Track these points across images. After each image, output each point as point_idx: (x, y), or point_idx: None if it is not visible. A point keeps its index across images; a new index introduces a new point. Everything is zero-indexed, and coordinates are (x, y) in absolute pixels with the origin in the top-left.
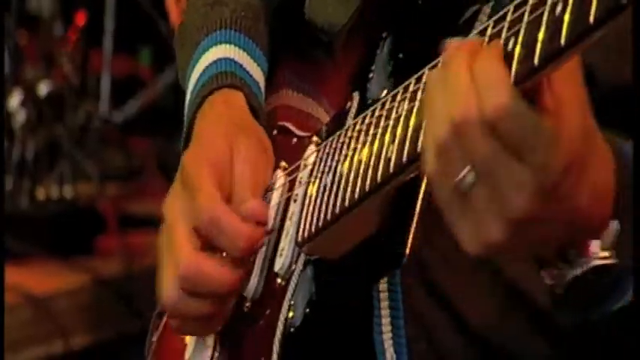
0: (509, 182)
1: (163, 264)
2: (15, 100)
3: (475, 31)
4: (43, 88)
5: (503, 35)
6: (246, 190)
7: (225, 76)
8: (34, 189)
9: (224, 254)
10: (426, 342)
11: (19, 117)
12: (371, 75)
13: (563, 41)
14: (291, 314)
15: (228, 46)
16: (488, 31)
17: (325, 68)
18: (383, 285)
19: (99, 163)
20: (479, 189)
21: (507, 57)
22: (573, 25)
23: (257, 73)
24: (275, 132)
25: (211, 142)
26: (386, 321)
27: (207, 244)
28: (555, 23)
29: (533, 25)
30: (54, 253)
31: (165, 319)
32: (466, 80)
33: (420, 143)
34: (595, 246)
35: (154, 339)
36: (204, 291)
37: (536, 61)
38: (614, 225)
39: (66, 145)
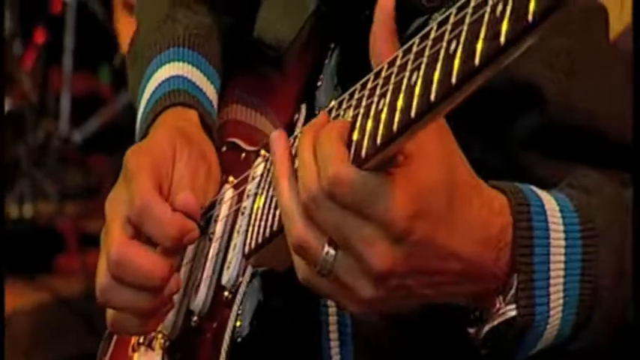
0: (361, 240)
1: (100, 255)
2: None
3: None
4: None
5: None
6: (185, 190)
7: (179, 94)
8: None
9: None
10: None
11: None
12: (319, 85)
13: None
14: (238, 323)
15: (181, 63)
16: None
17: (274, 83)
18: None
19: (58, 182)
20: (340, 259)
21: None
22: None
23: (210, 91)
24: (224, 148)
25: (156, 142)
26: (334, 336)
27: (141, 235)
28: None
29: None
30: (13, 272)
31: (114, 341)
32: (309, 159)
33: (364, 147)
34: (499, 301)
35: None
36: (131, 279)
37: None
38: (514, 279)
39: (25, 164)
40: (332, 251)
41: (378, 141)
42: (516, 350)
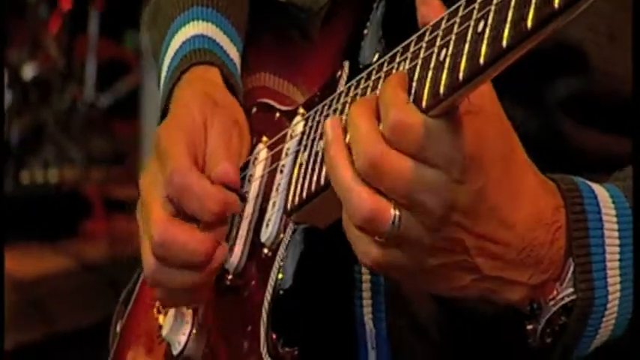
0: (422, 187)
1: (142, 236)
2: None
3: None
4: (28, 71)
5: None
6: (219, 162)
7: (203, 53)
8: (18, 173)
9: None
10: (406, 318)
11: (5, 99)
12: (364, 38)
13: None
14: (280, 276)
15: (204, 23)
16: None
17: (301, 51)
18: None
19: (84, 148)
20: (405, 217)
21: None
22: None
23: (233, 52)
24: (254, 109)
25: (186, 114)
26: (367, 295)
27: (181, 212)
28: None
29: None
30: (39, 237)
31: (131, 305)
32: (364, 124)
33: (424, 101)
34: (556, 288)
35: (118, 329)
36: (177, 259)
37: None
38: (570, 263)
39: (51, 129)
40: (397, 215)
41: (441, 90)
42: (577, 344)
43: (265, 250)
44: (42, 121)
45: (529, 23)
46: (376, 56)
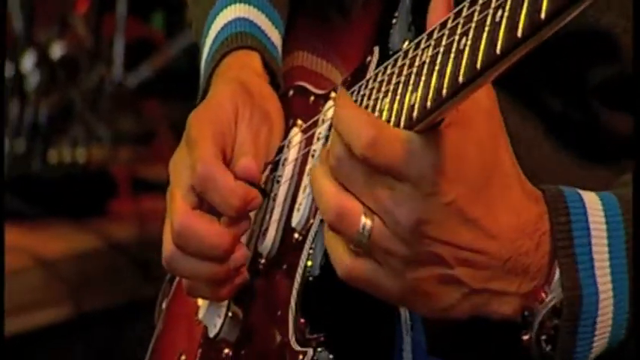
0: (392, 199)
1: (166, 220)
2: (28, 61)
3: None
4: (56, 50)
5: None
6: (246, 155)
7: (244, 37)
8: (46, 152)
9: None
10: None
11: (33, 79)
12: (394, 24)
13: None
14: (310, 263)
15: (246, 6)
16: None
17: (340, 30)
18: None
19: (111, 127)
20: (375, 226)
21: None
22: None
23: (275, 36)
24: (291, 92)
25: (218, 103)
26: None
27: (204, 203)
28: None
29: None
30: (66, 215)
31: (175, 284)
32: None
33: (444, 89)
34: (544, 291)
35: (164, 305)
36: (195, 250)
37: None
38: (556, 266)
39: (79, 108)
40: (368, 221)
41: (460, 79)
42: (574, 349)
43: (296, 235)
44: (70, 100)
45: (542, 15)
46: (405, 43)
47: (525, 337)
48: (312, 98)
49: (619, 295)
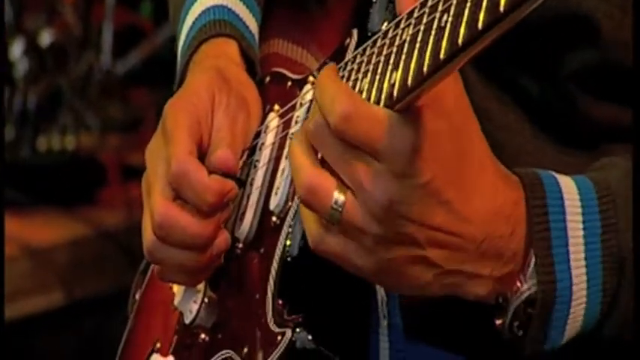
0: (366, 175)
1: (144, 210)
2: (17, 48)
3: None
4: (45, 38)
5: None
6: (223, 143)
7: (222, 25)
8: (35, 139)
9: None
10: None
11: (21, 66)
12: (371, 10)
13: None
14: (288, 242)
15: None
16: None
17: (316, 17)
18: None
19: (100, 114)
20: (348, 201)
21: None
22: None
23: (252, 24)
24: (268, 79)
25: (194, 91)
26: None
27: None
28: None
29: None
30: (55, 203)
31: (149, 274)
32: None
33: (425, 67)
34: (519, 280)
35: (137, 296)
36: (176, 240)
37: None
38: (531, 253)
39: (68, 95)
40: (341, 197)
41: (441, 56)
42: (545, 336)
43: (274, 218)
44: (59, 87)
45: None
46: (385, 24)
47: (498, 322)
48: (289, 84)
49: (592, 279)
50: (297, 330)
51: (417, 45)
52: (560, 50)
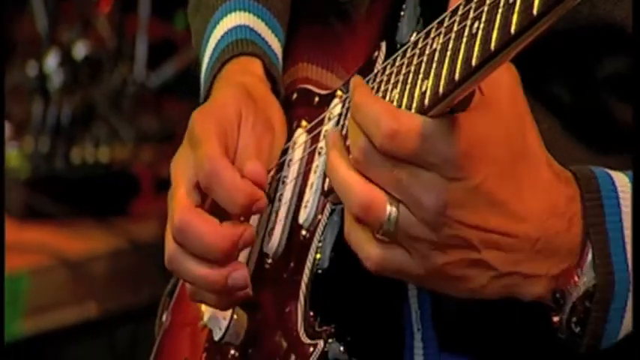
0: (418, 186)
1: (168, 220)
2: (52, 61)
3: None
4: (80, 50)
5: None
6: (250, 158)
7: (245, 44)
8: (69, 151)
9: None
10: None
11: (56, 78)
12: (402, 17)
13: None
14: (318, 256)
15: (246, 13)
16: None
17: (341, 36)
18: None
19: (134, 126)
20: (402, 213)
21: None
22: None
23: (275, 44)
24: (295, 95)
25: (222, 103)
26: None
27: (206, 203)
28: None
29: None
30: (89, 215)
31: (175, 296)
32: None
33: (457, 74)
34: (576, 274)
35: (164, 319)
36: (192, 248)
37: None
38: (588, 247)
39: (102, 107)
40: (394, 209)
41: (473, 62)
42: (603, 330)
43: (303, 232)
44: (93, 100)
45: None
46: (413, 35)
47: (555, 319)
48: (316, 99)
49: None
50: (330, 341)
51: (448, 53)
52: (592, 58)
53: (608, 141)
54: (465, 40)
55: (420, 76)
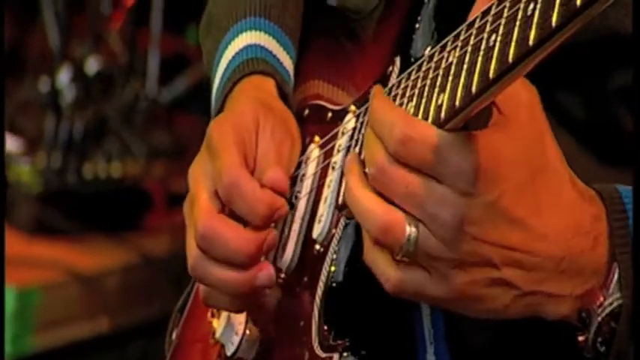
0: (434, 201)
1: (188, 228)
2: (64, 76)
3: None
4: (92, 66)
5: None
6: (270, 166)
7: (257, 63)
8: (81, 167)
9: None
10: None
11: (68, 94)
12: (414, 36)
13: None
14: (333, 269)
15: (257, 32)
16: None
17: (352, 54)
18: None
19: (146, 142)
20: (421, 232)
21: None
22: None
23: (286, 61)
24: (307, 111)
25: (240, 111)
26: None
27: (227, 209)
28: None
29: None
30: (101, 230)
31: (186, 312)
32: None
33: (474, 87)
34: (602, 295)
35: (174, 336)
36: (217, 254)
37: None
38: (615, 267)
39: (114, 123)
40: (413, 229)
41: (491, 75)
42: (628, 351)
43: (317, 246)
44: (105, 115)
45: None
46: (428, 49)
47: (581, 338)
48: (329, 114)
49: None
50: (345, 354)
51: (465, 66)
52: (604, 70)
53: (620, 153)
54: (482, 52)
55: (436, 89)
